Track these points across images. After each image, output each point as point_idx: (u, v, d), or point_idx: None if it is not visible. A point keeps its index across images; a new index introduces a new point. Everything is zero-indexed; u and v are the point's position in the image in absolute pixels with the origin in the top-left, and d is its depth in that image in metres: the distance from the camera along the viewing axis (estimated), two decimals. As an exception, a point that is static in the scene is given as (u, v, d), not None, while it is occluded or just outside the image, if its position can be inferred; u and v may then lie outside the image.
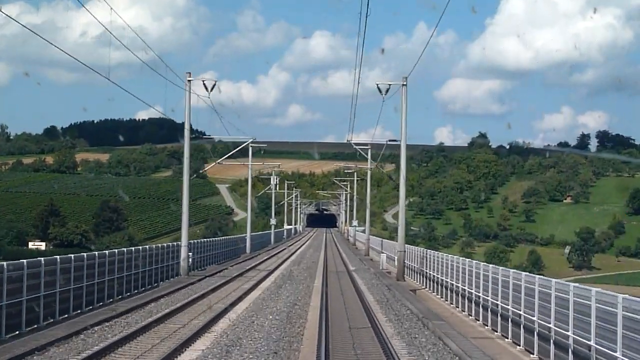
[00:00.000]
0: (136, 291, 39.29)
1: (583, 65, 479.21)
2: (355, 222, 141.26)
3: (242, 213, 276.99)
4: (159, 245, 47.32)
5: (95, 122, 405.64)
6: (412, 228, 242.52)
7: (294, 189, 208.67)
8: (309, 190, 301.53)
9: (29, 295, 25.54)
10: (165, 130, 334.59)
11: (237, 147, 73.63)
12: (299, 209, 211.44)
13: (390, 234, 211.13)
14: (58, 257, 28.44)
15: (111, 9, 30.14)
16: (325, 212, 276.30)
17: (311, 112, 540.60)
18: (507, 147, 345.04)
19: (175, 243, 51.92)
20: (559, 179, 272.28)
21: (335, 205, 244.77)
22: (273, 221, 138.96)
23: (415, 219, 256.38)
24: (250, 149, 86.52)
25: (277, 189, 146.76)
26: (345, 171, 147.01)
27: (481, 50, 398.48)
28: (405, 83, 47.90)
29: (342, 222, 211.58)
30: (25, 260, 25.50)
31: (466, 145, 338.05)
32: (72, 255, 29.76)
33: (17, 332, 24.72)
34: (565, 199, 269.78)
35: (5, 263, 24.24)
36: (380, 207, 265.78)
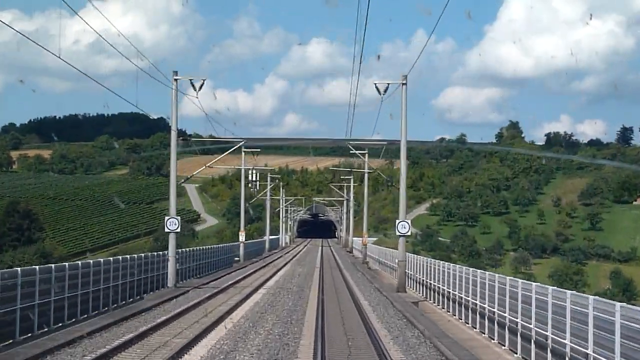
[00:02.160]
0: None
1: (583, 72, 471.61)
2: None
3: (212, 220, 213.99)
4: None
5: (59, 117, 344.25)
6: (440, 238, 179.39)
7: (281, 185, 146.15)
8: (300, 191, 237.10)
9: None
10: (137, 125, 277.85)
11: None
12: (283, 212, 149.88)
13: (413, 247, 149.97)
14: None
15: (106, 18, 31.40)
16: (320, 218, 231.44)
17: (308, 120, 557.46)
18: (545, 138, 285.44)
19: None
20: (625, 174, 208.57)
21: (333, 209, 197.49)
22: (242, 237, 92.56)
23: (443, 226, 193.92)
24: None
25: (258, 187, 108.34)
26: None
27: (480, 57, 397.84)
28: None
29: (343, 230, 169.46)
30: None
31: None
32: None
33: None
34: (636, 200, 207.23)
35: None
36: (394, 211, 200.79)
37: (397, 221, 46.71)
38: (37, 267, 26.43)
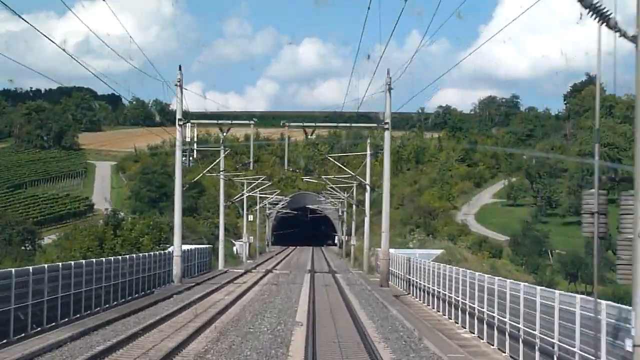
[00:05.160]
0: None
1: (579, 73, 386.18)
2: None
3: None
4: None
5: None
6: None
7: (222, 150, 79.74)
8: (277, 173, 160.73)
9: None
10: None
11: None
12: (223, 200, 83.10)
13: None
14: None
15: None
16: (311, 214, 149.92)
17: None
18: None
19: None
20: None
21: (331, 200, 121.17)
22: (176, 243, 49.08)
23: (541, 224, 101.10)
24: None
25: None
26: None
27: (474, 58, 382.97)
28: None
29: (353, 234, 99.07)
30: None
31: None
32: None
33: None
34: None
35: None
36: (443, 197, 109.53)
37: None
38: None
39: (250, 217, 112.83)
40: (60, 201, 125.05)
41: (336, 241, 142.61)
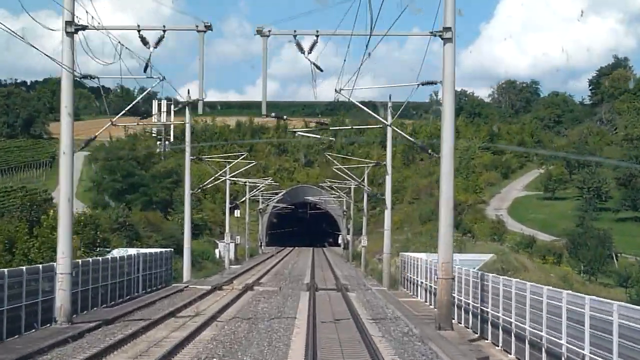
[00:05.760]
0: None
1: (581, 71, 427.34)
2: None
3: (78, 205, 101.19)
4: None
5: None
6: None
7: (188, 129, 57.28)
8: (274, 164, 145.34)
9: None
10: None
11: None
12: (188, 193, 53.59)
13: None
14: None
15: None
16: (310, 211, 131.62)
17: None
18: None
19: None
20: None
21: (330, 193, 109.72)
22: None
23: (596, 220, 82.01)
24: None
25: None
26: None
27: (475, 57, 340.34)
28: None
29: (364, 233, 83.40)
30: None
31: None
32: None
33: None
34: None
35: None
36: (468, 189, 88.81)
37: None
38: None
39: (237, 213, 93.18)
40: (13, 194, 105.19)
41: (339, 241, 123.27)
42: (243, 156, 77.16)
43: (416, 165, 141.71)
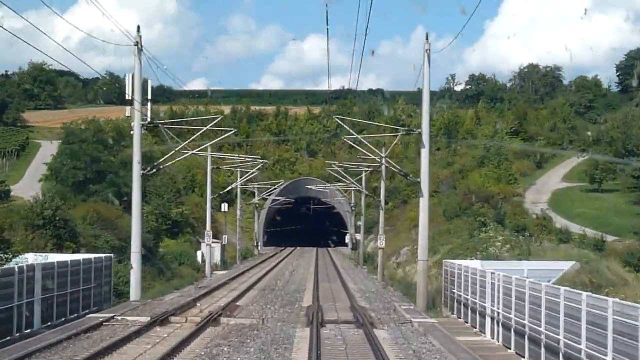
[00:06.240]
0: None
1: (586, 69, 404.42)
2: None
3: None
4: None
5: None
6: None
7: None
8: (272, 154, 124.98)
9: None
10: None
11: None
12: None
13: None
14: None
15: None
16: (314, 206, 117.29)
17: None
18: None
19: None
20: None
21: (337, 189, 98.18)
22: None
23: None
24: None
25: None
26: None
27: (479, 54, 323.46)
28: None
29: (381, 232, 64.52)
30: None
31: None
32: None
33: None
34: None
35: None
36: (502, 181, 71.27)
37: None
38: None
39: (225, 207, 77.19)
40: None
41: (347, 240, 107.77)
42: (232, 132, 61.17)
43: (432, 155, 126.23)
